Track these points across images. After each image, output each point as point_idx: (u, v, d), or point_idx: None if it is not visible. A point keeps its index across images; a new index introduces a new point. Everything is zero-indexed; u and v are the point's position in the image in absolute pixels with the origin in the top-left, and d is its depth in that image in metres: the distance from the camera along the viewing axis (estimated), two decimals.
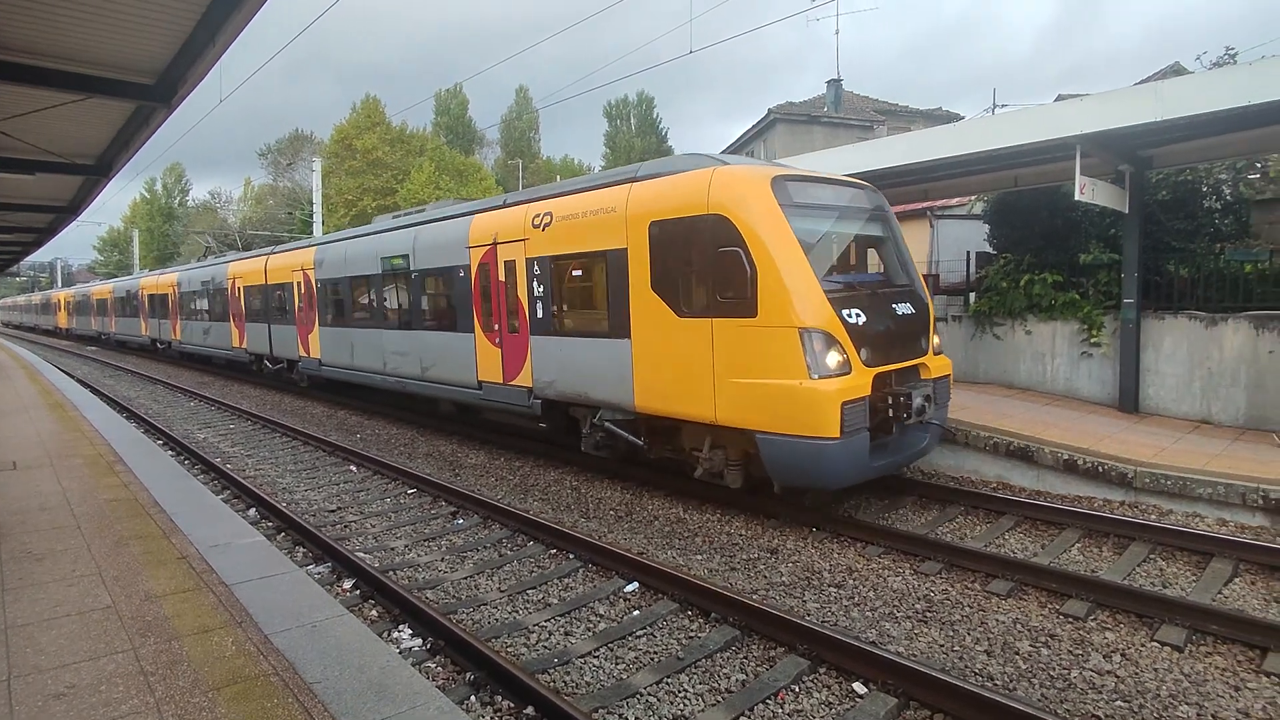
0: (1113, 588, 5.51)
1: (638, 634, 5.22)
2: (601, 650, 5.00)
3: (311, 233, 31.13)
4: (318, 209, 30.62)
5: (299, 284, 15.95)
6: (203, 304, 22.19)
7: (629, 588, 6.01)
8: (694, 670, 4.71)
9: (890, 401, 7.13)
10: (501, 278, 9.90)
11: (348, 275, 13.95)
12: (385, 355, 12.89)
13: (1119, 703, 4.21)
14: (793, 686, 4.48)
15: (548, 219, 9.09)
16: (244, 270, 19.07)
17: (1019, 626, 5.15)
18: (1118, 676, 4.48)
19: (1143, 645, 4.86)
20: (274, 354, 17.95)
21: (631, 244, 7.91)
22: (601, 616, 5.54)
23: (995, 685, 4.43)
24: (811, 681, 4.55)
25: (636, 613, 5.56)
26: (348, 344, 14.21)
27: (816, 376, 6.56)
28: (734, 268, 6.92)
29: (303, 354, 16.29)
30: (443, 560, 6.83)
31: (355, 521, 8.08)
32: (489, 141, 61.95)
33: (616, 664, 4.83)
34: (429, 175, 39.57)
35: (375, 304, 13.22)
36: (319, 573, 6.50)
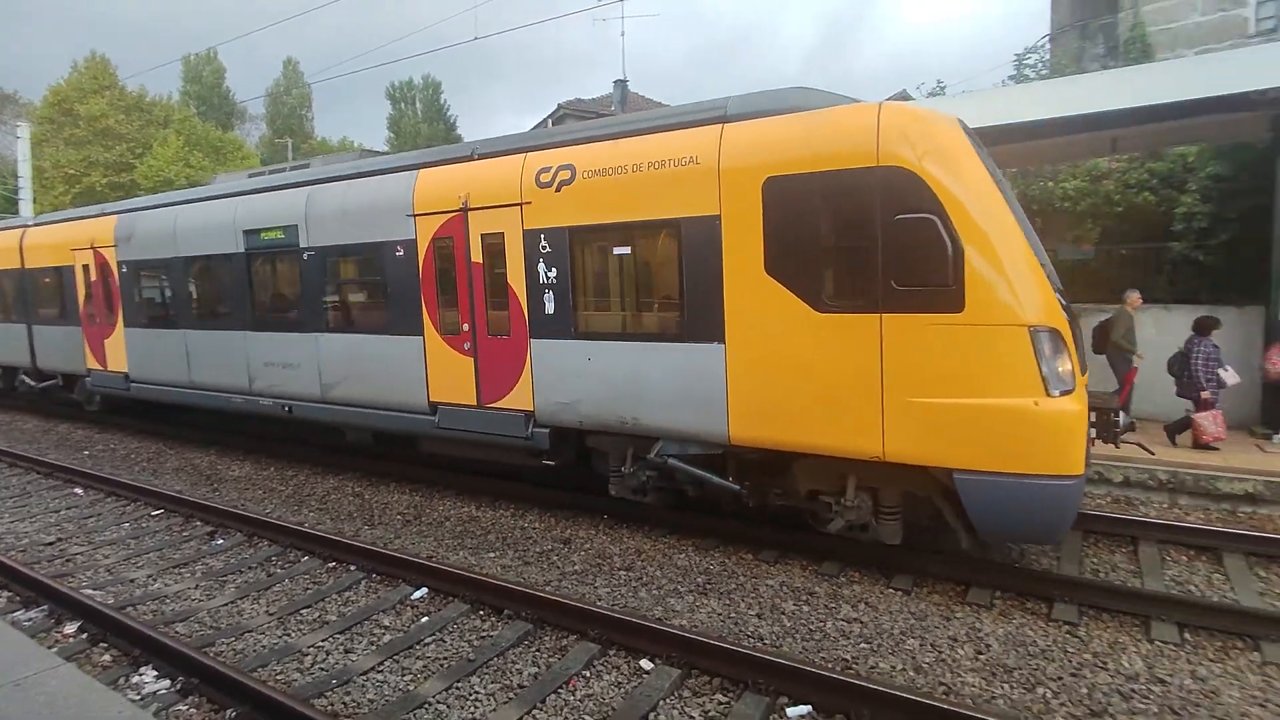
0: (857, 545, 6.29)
1: (426, 641, 5.02)
2: (386, 664, 4.74)
3: (19, 212, 25.73)
4: (25, 183, 25.44)
5: (86, 268, 11.62)
6: None
7: (416, 594, 5.75)
8: (485, 670, 4.63)
9: (1096, 422, 5.76)
10: (477, 259, 7.23)
11: (180, 256, 10.12)
12: (253, 368, 9.49)
13: (863, 645, 4.84)
14: (584, 672, 4.57)
15: (566, 175, 6.58)
16: None
17: (785, 589, 5.71)
18: (862, 623, 5.14)
19: (881, 593, 5.62)
20: (38, 366, 13.27)
21: (728, 209, 5.76)
22: (386, 628, 5.24)
23: (765, 644, 4.87)
24: (602, 664, 4.67)
25: (425, 619, 5.34)
26: (180, 352, 10.38)
27: (1057, 393, 4.88)
28: (924, 243, 5.05)
29: (93, 366, 11.93)
30: (197, 588, 6.04)
31: (82, 554, 6.87)
32: (252, 116, 55.53)
33: (403, 675, 4.60)
34: (176, 150, 34.49)
35: (234, 296, 9.61)
36: (30, 619, 5.45)
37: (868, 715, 3.97)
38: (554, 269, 6.73)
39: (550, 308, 6.81)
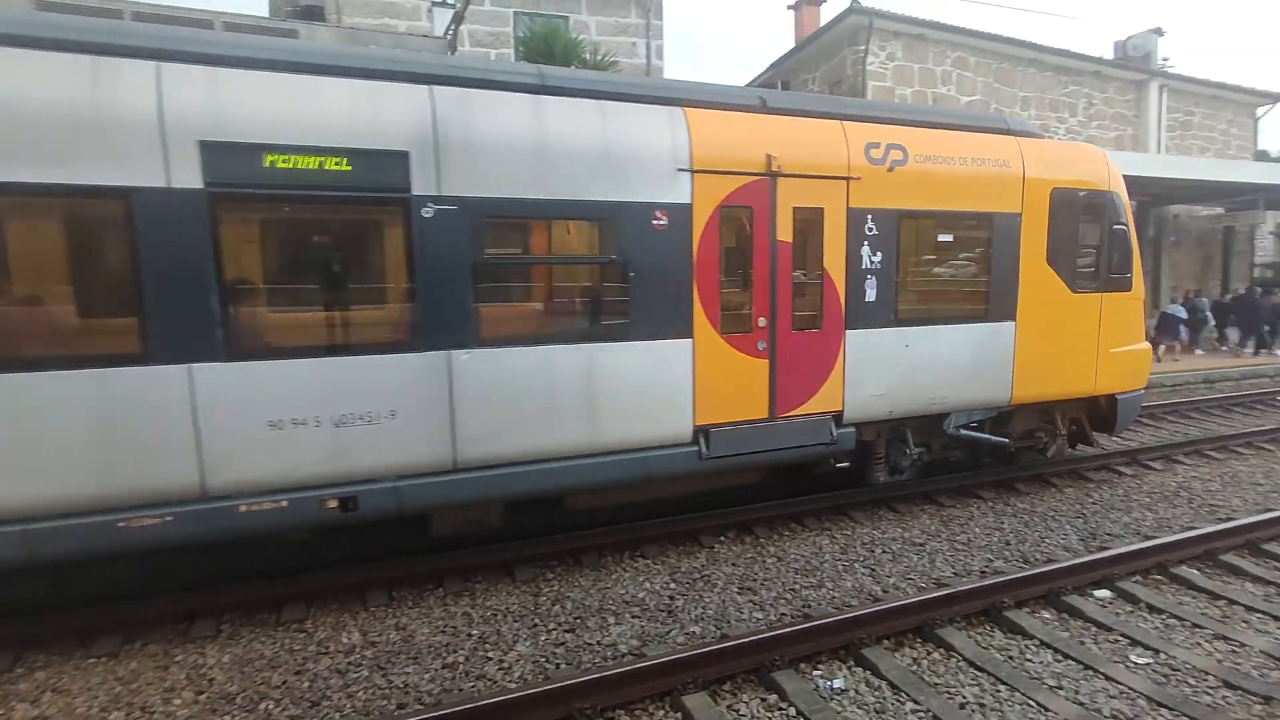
0: None
1: None
2: None
3: None
4: None
5: None
6: None
7: None
8: None
9: None
10: (784, 236, 6.07)
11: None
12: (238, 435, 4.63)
13: None
14: None
15: (898, 156, 6.44)
16: None
17: None
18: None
19: (76, 669, 4.56)
20: None
21: (1027, 209, 7.02)
22: None
23: None
24: None
25: None
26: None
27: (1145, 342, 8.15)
28: (1123, 244, 7.55)
29: None
30: None
31: None
32: None
33: None
34: None
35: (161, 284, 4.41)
36: None
37: None
38: (879, 253, 6.50)
39: (871, 295, 6.53)
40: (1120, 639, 4.80)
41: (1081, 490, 7.89)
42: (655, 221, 5.66)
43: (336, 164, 4.73)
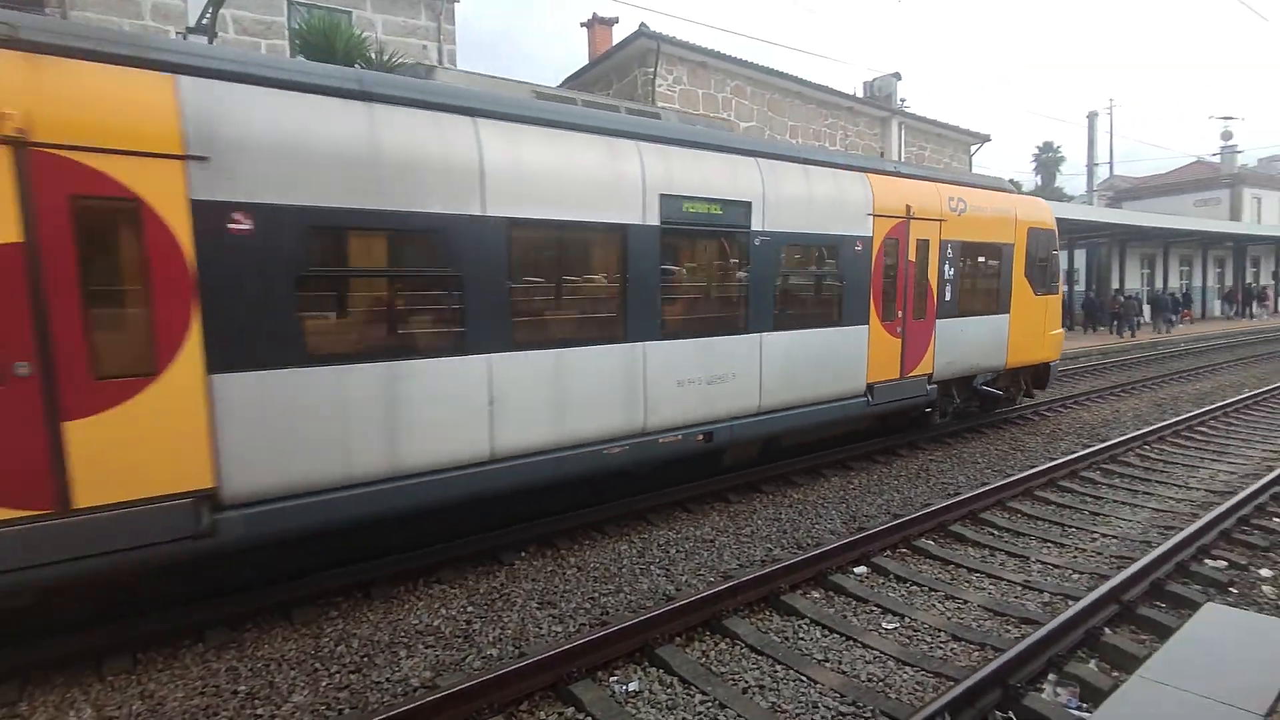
0: None
1: None
2: None
3: None
4: None
5: None
6: None
7: None
8: None
9: None
10: (911, 257, 9.39)
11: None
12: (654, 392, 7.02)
13: None
14: None
15: (961, 205, 10.00)
16: None
17: None
18: None
19: None
20: None
21: (1017, 241, 10.94)
22: None
23: None
24: None
25: None
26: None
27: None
28: (1056, 264, 12.05)
29: None
30: None
31: None
32: None
33: None
34: None
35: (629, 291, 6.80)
36: None
37: None
38: (952, 269, 9.93)
39: (948, 296, 9.93)
40: (874, 609, 5.45)
41: (845, 479, 8.87)
42: (856, 248, 8.64)
43: (713, 209, 7.20)
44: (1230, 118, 55.97)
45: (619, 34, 21.03)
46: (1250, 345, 25.06)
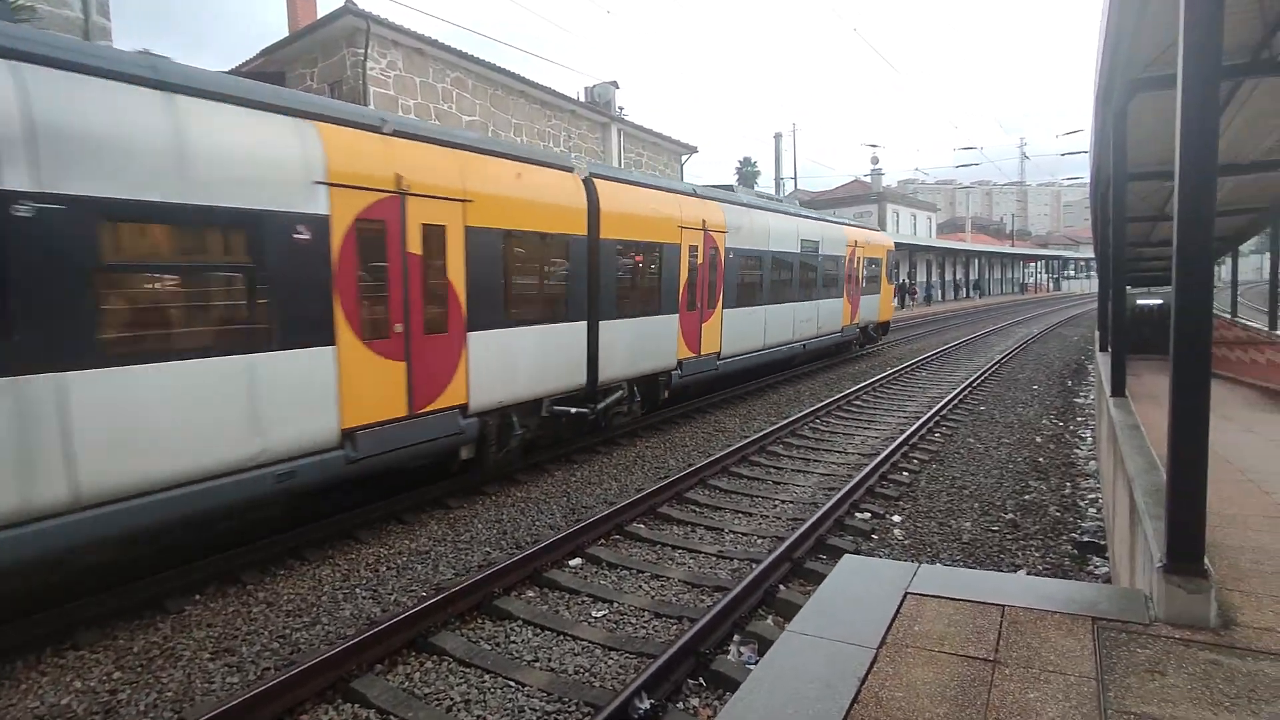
0: None
1: None
2: None
3: None
4: None
5: None
6: None
7: None
8: None
9: None
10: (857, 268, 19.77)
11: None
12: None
13: None
14: None
15: (858, 241, 20.64)
16: None
17: None
18: None
19: None
20: None
21: (885, 257, 22.95)
22: None
23: None
24: None
25: None
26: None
27: None
28: (894, 267, 25.89)
29: None
30: None
31: None
32: None
33: None
34: None
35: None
36: None
37: None
38: (865, 272, 21.13)
39: (858, 285, 20.43)
40: (586, 599, 5.60)
41: (568, 471, 9.07)
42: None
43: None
44: (876, 145, 68.54)
45: (325, 6, 19.25)
46: (916, 325, 30.86)
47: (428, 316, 7.10)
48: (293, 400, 5.91)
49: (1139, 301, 15.73)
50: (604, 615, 5.34)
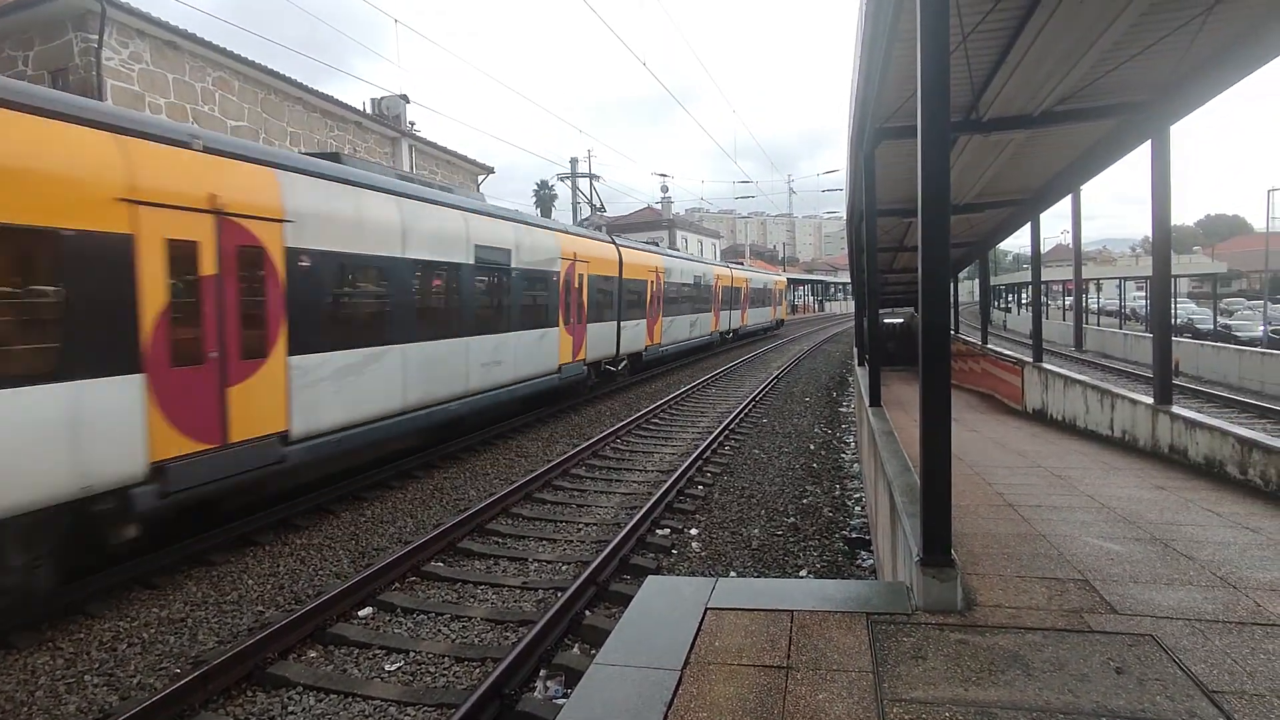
0: None
1: None
2: None
3: None
4: None
5: None
6: None
7: None
8: None
9: None
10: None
11: None
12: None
13: None
14: None
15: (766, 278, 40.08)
16: None
17: None
18: None
19: None
20: None
21: (779, 285, 44.91)
22: None
23: None
24: None
25: None
26: None
27: None
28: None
29: None
30: None
31: None
32: None
33: None
34: None
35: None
36: None
37: None
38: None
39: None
40: (378, 652, 5.13)
41: (356, 511, 8.33)
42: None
43: None
44: (665, 175, 72.73)
45: None
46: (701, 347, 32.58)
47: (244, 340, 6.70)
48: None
49: (885, 320, 18.14)
50: (399, 668, 4.92)
